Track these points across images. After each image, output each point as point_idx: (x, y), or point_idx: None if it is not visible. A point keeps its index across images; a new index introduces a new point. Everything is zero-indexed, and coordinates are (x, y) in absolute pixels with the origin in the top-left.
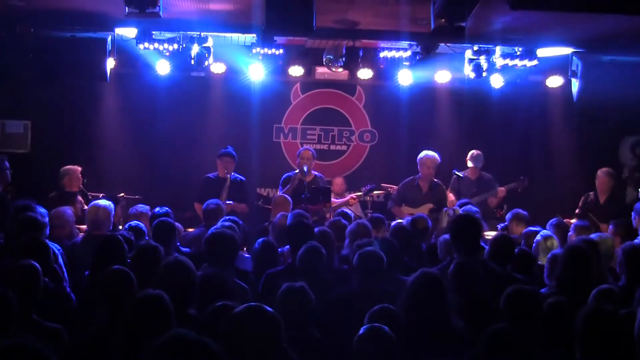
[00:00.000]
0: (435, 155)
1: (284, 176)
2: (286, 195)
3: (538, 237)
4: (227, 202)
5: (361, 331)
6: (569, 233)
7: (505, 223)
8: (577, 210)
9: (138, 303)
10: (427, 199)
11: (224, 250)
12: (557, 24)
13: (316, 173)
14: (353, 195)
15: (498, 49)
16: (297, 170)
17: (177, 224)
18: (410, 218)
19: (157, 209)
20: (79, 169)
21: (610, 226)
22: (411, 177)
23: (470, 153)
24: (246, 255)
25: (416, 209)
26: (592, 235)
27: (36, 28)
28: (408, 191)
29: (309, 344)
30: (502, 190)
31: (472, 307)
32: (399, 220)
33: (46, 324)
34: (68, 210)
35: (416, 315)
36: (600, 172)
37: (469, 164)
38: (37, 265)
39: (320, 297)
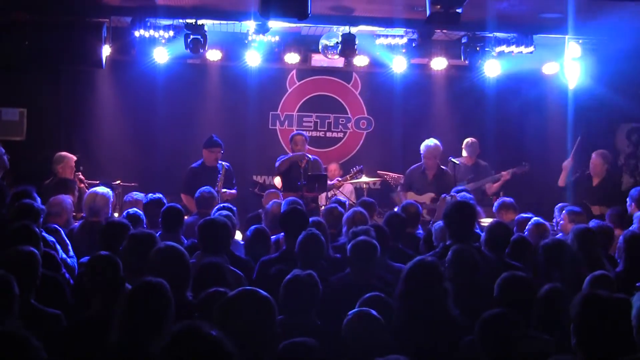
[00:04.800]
0: (437, 143)
1: (279, 159)
2: (277, 191)
3: (529, 224)
4: (222, 190)
5: (349, 315)
6: (560, 220)
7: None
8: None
9: (137, 290)
10: (432, 186)
11: (218, 238)
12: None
13: (311, 156)
14: (339, 177)
15: (494, 36)
16: (291, 155)
17: None
18: (401, 204)
19: (149, 195)
20: (74, 157)
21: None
22: (419, 164)
23: (465, 141)
24: (241, 242)
25: (420, 197)
26: (591, 223)
27: (32, 14)
28: (415, 178)
29: (310, 331)
30: (505, 174)
31: (468, 294)
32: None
33: (45, 309)
34: (67, 198)
35: (412, 303)
36: (595, 154)
37: (464, 152)
38: (36, 251)
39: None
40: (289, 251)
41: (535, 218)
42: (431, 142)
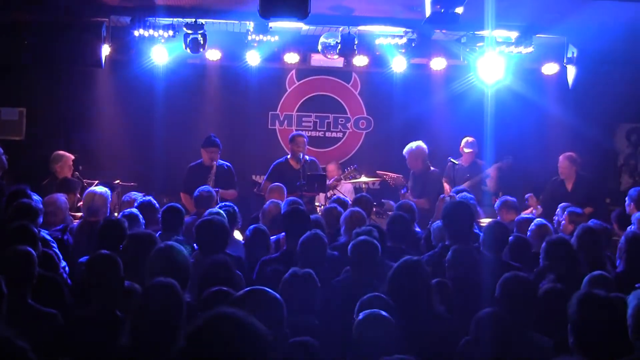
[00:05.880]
0: (413, 147)
1: (275, 163)
2: (281, 185)
3: (532, 225)
4: (215, 189)
5: (360, 317)
6: (562, 220)
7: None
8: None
9: (149, 292)
10: (418, 185)
11: (215, 238)
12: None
13: (309, 157)
14: (335, 176)
15: (494, 36)
16: (289, 155)
17: None
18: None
19: (140, 199)
20: (72, 156)
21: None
22: None
23: (464, 140)
24: (242, 242)
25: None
26: (590, 222)
27: (32, 14)
28: (410, 179)
29: (308, 331)
30: (491, 170)
31: (467, 294)
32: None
33: (42, 308)
34: (61, 197)
35: (398, 300)
36: (562, 157)
37: (464, 150)
38: (32, 251)
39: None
40: (289, 251)
41: (537, 219)
42: (410, 145)
